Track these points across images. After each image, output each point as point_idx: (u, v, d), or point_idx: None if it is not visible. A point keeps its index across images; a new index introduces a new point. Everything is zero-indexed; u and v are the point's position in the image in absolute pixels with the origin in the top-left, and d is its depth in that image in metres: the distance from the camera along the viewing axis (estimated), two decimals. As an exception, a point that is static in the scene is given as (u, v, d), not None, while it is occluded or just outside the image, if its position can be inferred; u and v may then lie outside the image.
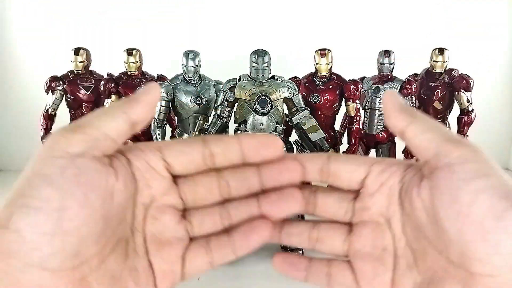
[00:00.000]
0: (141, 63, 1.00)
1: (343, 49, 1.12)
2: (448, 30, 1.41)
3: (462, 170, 0.23)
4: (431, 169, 0.25)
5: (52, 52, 1.42)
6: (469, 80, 0.99)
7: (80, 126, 0.24)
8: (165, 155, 0.27)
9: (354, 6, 1.43)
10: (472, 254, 0.22)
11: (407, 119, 0.26)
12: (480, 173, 0.23)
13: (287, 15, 1.44)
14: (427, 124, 0.26)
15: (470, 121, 1.00)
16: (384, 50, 0.98)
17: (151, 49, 1.14)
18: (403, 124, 0.26)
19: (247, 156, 0.28)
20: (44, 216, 0.21)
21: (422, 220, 0.26)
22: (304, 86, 0.97)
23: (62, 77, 1.02)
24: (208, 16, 1.44)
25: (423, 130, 0.26)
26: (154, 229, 0.27)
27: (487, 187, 0.22)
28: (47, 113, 1.01)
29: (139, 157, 0.27)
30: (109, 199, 0.24)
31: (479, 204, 0.22)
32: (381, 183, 0.28)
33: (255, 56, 0.84)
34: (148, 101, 0.26)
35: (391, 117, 0.27)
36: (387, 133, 1.01)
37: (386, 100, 0.28)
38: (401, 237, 0.27)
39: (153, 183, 0.27)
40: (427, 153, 0.25)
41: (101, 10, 1.44)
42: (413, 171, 0.27)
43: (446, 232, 0.23)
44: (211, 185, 0.29)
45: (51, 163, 0.22)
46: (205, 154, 0.28)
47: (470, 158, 0.23)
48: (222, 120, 0.88)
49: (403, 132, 0.27)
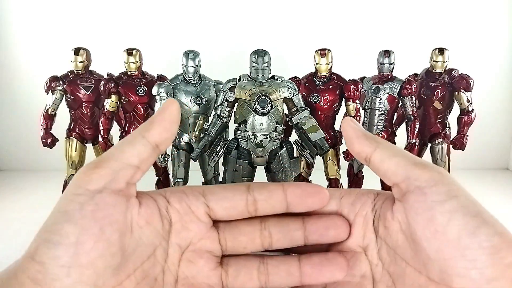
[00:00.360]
0: (141, 63, 1.00)
1: (343, 49, 1.12)
2: (448, 30, 1.41)
3: (433, 192, 0.24)
4: (402, 192, 0.26)
5: (52, 52, 1.42)
6: (469, 80, 0.98)
7: (101, 161, 0.25)
8: (208, 200, 0.28)
9: (354, 6, 1.43)
10: (451, 270, 0.23)
11: (372, 145, 0.27)
12: (450, 194, 0.24)
13: (287, 15, 1.44)
14: (393, 150, 0.27)
15: (470, 121, 1.00)
16: (384, 50, 0.98)
17: (151, 49, 1.13)
18: (369, 151, 0.27)
19: (291, 204, 0.28)
20: (63, 250, 0.22)
21: (399, 242, 0.26)
22: (304, 86, 0.97)
23: (62, 77, 1.02)
24: (208, 16, 1.44)
25: (389, 155, 0.27)
26: (188, 272, 0.27)
27: (459, 207, 0.23)
28: (47, 113, 1.01)
29: (181, 199, 0.28)
30: (128, 233, 0.25)
31: (454, 223, 0.23)
32: (355, 214, 0.29)
33: (255, 56, 0.84)
34: (164, 119, 0.26)
35: (355, 143, 0.28)
36: (387, 133, 1.01)
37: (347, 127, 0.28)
38: (377, 263, 0.28)
39: (192, 226, 0.28)
40: (395, 177, 0.26)
41: (101, 10, 1.44)
42: (382, 198, 0.29)
43: (424, 251, 0.24)
44: (253, 234, 0.29)
45: (72, 200, 0.24)
46: (248, 201, 0.28)
47: (439, 181, 0.25)
48: (222, 120, 0.88)
49: (369, 158, 0.28)
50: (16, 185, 1.34)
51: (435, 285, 0.24)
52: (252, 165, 0.88)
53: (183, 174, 0.97)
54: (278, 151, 0.88)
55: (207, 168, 1.03)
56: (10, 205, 1.17)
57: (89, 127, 1.05)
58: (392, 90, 0.98)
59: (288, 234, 0.28)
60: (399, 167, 0.26)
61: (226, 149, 0.88)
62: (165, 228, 0.27)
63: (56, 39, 1.43)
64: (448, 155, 1.04)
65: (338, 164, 1.00)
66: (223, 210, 0.28)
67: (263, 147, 0.86)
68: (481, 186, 1.35)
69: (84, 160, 1.05)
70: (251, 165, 0.88)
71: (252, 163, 0.88)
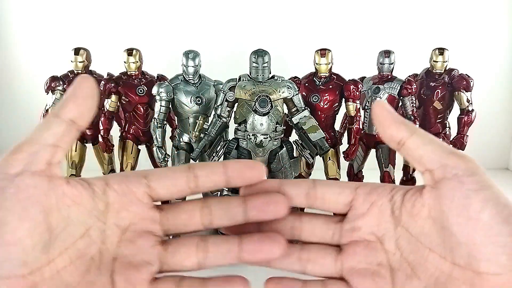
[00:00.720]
0: (141, 63, 1.00)
1: (343, 49, 1.12)
2: (448, 30, 1.41)
3: (470, 182, 0.26)
4: (436, 179, 0.27)
5: (52, 52, 1.42)
6: (469, 80, 0.98)
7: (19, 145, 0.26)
8: (149, 180, 0.28)
9: (354, 6, 1.43)
10: (480, 255, 0.24)
11: (409, 130, 0.28)
12: (485, 185, 0.25)
13: (287, 15, 1.44)
14: (429, 137, 0.28)
15: (470, 121, 1.00)
16: (384, 50, 0.98)
17: (151, 49, 1.14)
18: (405, 135, 0.28)
19: (231, 178, 0.28)
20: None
21: (426, 229, 0.27)
22: (304, 86, 0.97)
23: (62, 77, 1.02)
24: (208, 16, 1.44)
25: (425, 141, 0.28)
26: (128, 252, 0.28)
27: (493, 197, 0.25)
28: (47, 113, 1.01)
29: (121, 181, 0.28)
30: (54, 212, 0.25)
31: (487, 210, 0.24)
32: (370, 203, 0.29)
33: (255, 56, 0.84)
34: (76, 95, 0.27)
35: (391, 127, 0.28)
36: (387, 133, 1.01)
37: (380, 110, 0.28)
38: (395, 252, 0.28)
39: (131, 207, 0.28)
40: (431, 164, 0.27)
41: (101, 10, 1.44)
42: (402, 190, 0.29)
43: (454, 236, 0.25)
44: (193, 212, 0.29)
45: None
46: (188, 178, 0.28)
47: (475, 172, 0.26)
48: (222, 120, 0.88)
49: (403, 142, 0.28)
50: (16, 185, 1.34)
51: (461, 269, 0.25)
52: (252, 165, 0.88)
53: (183, 174, 0.97)
54: (278, 151, 0.88)
55: (207, 168, 1.03)
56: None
57: (89, 127, 1.05)
58: (392, 90, 0.98)
59: (228, 211, 0.29)
60: (435, 154, 0.27)
61: (226, 149, 0.88)
62: (99, 208, 0.27)
63: (56, 39, 1.43)
64: (448, 155, 1.04)
65: (338, 164, 1.00)
66: (164, 188, 0.28)
67: (263, 147, 0.86)
68: (481, 186, 1.34)
69: (84, 160, 1.05)
70: (251, 165, 0.88)
71: (252, 163, 0.87)
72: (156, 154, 0.95)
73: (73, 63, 1.00)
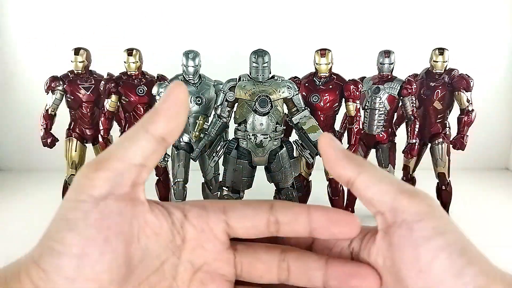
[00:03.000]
0: (141, 63, 1.00)
1: (343, 49, 1.12)
2: (448, 30, 1.41)
3: (420, 228, 0.23)
4: (388, 223, 0.25)
5: (52, 52, 1.42)
6: (469, 80, 0.98)
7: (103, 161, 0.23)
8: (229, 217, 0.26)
9: (354, 6, 1.43)
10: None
11: (356, 169, 0.25)
12: (437, 231, 0.23)
13: (287, 15, 1.44)
14: (378, 174, 0.25)
15: (470, 121, 1.00)
16: (384, 50, 0.98)
17: (151, 49, 1.13)
18: (352, 175, 0.25)
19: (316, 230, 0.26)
20: (67, 260, 0.21)
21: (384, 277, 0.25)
22: (304, 86, 0.97)
23: (62, 77, 1.02)
24: (208, 16, 1.44)
25: (374, 181, 0.25)
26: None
27: (445, 245, 0.22)
28: (47, 113, 1.01)
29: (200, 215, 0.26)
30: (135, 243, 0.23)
31: (439, 262, 0.22)
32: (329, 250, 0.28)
33: (255, 56, 0.84)
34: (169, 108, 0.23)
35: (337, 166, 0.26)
36: (387, 133, 1.01)
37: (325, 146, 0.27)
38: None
39: (208, 245, 0.26)
40: (380, 206, 0.25)
41: (101, 10, 1.44)
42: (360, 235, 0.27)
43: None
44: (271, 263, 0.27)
45: (75, 208, 0.22)
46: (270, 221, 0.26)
47: (427, 215, 0.23)
48: (222, 120, 0.88)
49: (352, 183, 0.26)
50: (16, 185, 1.34)
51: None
52: (252, 165, 0.88)
53: (183, 174, 0.97)
54: (278, 151, 0.88)
55: (207, 168, 1.03)
56: (10, 205, 1.17)
57: (89, 127, 1.05)
58: (392, 90, 0.98)
59: (307, 273, 0.27)
60: (385, 195, 0.24)
61: (226, 149, 0.88)
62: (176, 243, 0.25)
63: (56, 39, 1.43)
64: (448, 155, 1.04)
65: (338, 164, 1.00)
66: (243, 229, 0.26)
67: (263, 147, 0.86)
68: (481, 186, 1.35)
69: (84, 160, 1.05)
70: (251, 165, 0.88)
71: (252, 163, 0.88)
72: (156, 154, 0.95)
73: (73, 63, 1.00)
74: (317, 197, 1.09)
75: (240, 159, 0.87)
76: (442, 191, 1.04)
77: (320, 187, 1.05)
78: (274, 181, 0.90)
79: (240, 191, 0.89)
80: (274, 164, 0.88)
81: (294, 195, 0.89)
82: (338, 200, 1.00)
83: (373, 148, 1.04)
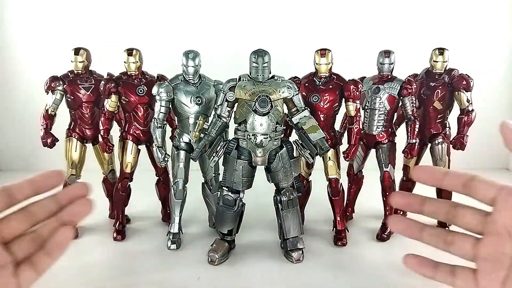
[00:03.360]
0: (141, 63, 1.00)
1: (343, 49, 1.12)
2: (448, 30, 1.41)
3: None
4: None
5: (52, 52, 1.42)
6: (469, 80, 0.98)
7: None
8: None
9: (354, 6, 1.43)
10: None
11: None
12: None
13: (287, 15, 1.44)
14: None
15: (470, 121, 1.00)
16: (384, 50, 0.98)
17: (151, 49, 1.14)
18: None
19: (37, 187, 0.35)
20: None
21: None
22: (304, 86, 0.97)
23: (62, 77, 1.02)
24: (209, 16, 1.44)
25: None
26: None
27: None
28: (47, 113, 1.01)
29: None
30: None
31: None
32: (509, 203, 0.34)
33: (255, 56, 0.84)
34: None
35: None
36: (387, 133, 1.01)
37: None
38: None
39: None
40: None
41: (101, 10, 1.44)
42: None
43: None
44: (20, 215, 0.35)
45: None
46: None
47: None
48: (222, 120, 0.88)
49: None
50: (16, 185, 1.34)
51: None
52: (252, 165, 0.88)
53: (183, 174, 0.97)
54: (278, 151, 0.88)
55: (207, 168, 1.03)
56: (10, 205, 1.17)
57: (89, 127, 1.05)
58: (392, 90, 0.98)
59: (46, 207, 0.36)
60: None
61: (226, 149, 0.88)
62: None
63: (56, 39, 1.43)
64: (448, 155, 1.04)
65: (338, 164, 1.00)
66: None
67: (263, 147, 0.86)
68: (481, 186, 1.34)
69: (84, 160, 1.05)
70: (251, 165, 0.88)
71: (252, 163, 0.88)
72: (156, 154, 0.95)
73: (73, 63, 1.00)
74: (317, 197, 1.09)
75: (240, 159, 0.87)
76: (442, 191, 1.04)
77: (320, 187, 1.05)
78: (274, 181, 0.90)
79: (240, 191, 0.89)
80: (274, 164, 0.88)
81: (294, 195, 0.89)
82: (338, 200, 1.00)
83: (373, 148, 1.04)
